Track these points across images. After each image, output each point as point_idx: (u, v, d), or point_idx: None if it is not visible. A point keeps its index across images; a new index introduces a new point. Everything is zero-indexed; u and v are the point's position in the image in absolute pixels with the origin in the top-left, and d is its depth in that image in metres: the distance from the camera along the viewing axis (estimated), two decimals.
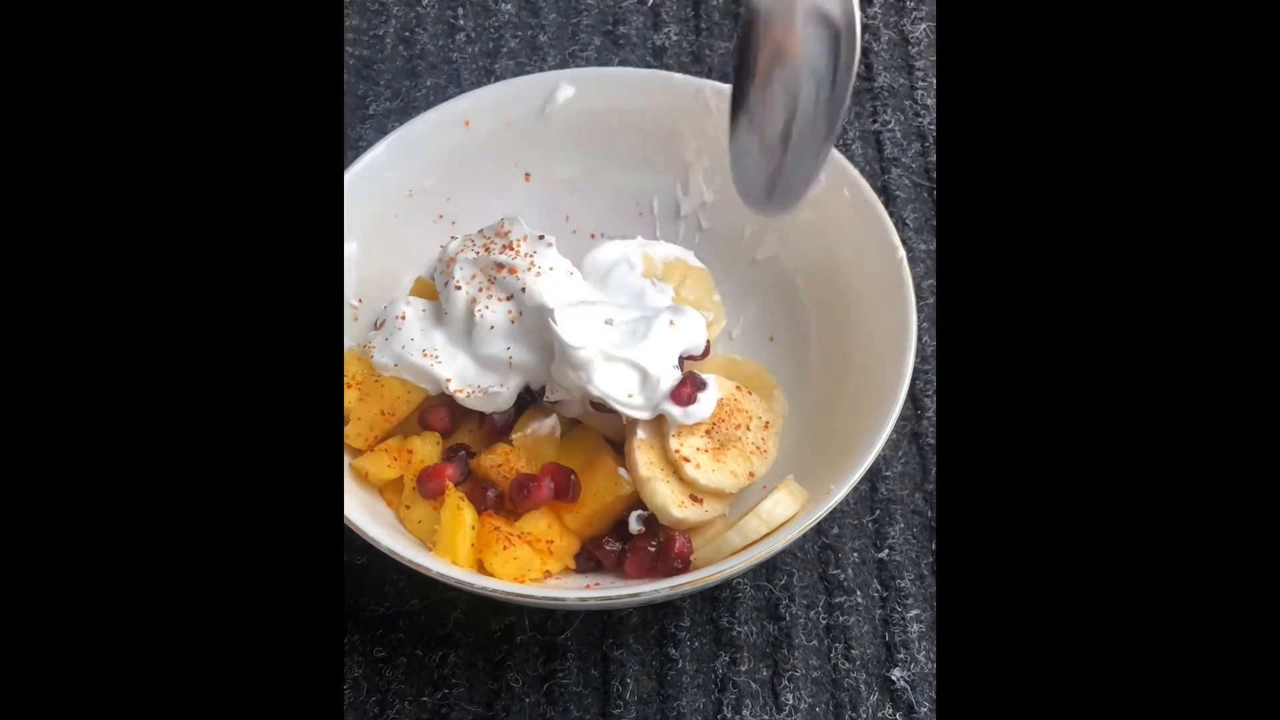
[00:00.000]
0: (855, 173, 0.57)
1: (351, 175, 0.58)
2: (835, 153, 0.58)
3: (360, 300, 0.59)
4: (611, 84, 0.61)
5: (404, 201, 0.61)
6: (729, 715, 0.52)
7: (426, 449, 0.54)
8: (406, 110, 0.71)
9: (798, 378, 0.59)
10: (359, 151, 0.68)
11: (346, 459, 0.54)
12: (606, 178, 0.63)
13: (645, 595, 0.48)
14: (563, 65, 0.73)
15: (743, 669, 0.54)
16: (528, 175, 0.63)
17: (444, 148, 0.61)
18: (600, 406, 0.53)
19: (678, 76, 0.61)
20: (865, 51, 0.74)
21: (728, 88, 0.60)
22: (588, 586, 0.51)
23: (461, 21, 0.75)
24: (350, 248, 0.58)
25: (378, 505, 0.53)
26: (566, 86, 0.61)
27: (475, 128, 0.61)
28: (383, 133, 0.69)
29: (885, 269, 0.55)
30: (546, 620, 0.55)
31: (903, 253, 0.54)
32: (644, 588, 0.48)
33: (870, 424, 0.51)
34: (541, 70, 0.73)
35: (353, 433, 0.54)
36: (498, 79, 0.72)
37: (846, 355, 0.57)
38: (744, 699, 0.53)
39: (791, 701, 0.53)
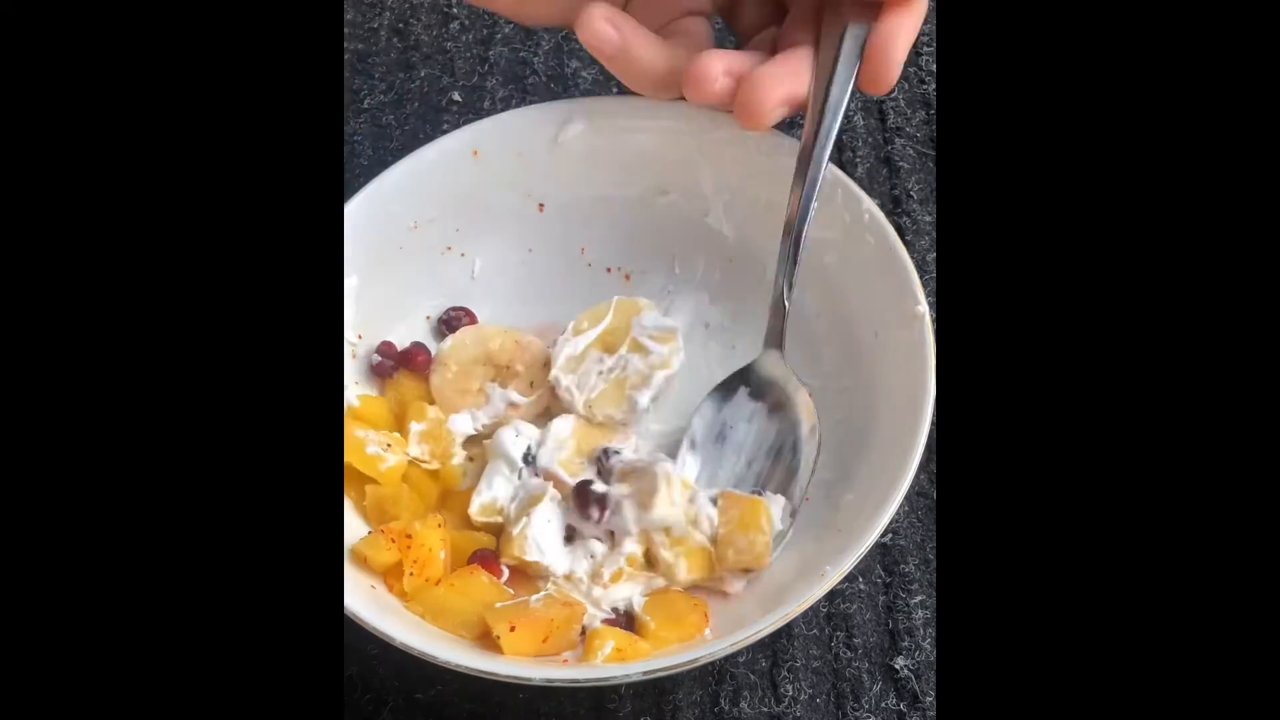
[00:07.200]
0: (881, 217, 0.54)
1: (352, 207, 0.56)
2: (861, 194, 0.54)
3: (360, 336, 0.58)
4: (626, 114, 0.58)
5: (408, 234, 0.59)
6: (726, 707, 0.51)
7: (428, 533, 0.51)
8: (400, 103, 0.70)
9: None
10: (353, 146, 0.69)
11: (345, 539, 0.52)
12: (624, 209, 0.60)
13: (616, 678, 0.45)
14: (558, 49, 0.72)
15: (740, 659, 0.52)
16: (541, 206, 0.61)
17: (451, 179, 0.59)
18: None
19: (694, 106, 0.56)
20: None
21: None
22: (563, 661, 0.49)
23: (455, 9, 0.74)
24: (350, 282, 0.56)
25: (378, 591, 0.51)
26: (579, 118, 0.58)
27: (484, 157, 0.59)
28: (377, 127, 0.70)
29: (905, 324, 0.51)
30: None
31: (924, 308, 0.51)
32: (615, 670, 0.46)
33: (876, 499, 0.47)
34: (536, 56, 0.72)
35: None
36: (491, 66, 0.71)
37: (860, 413, 0.53)
38: (742, 690, 0.52)
39: (791, 693, 0.51)
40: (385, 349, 0.58)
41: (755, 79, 0.50)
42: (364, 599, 0.48)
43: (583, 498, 0.52)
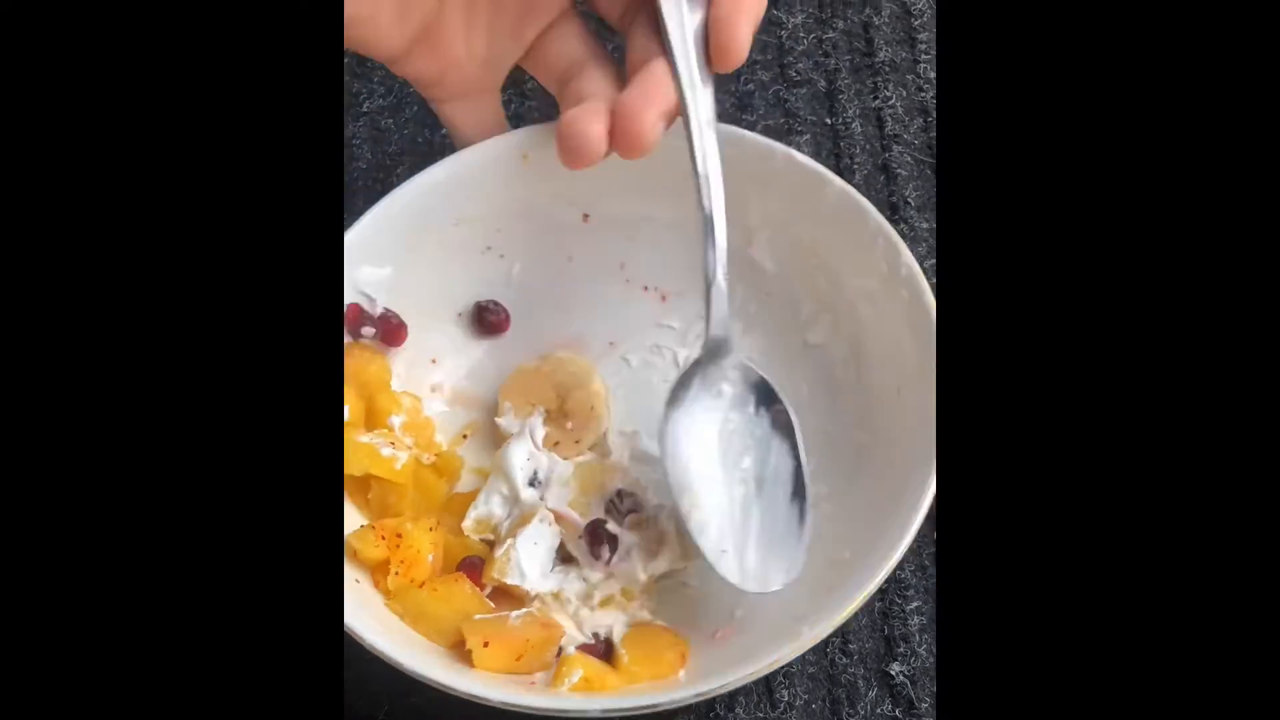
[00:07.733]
0: (919, 274, 0.52)
1: (396, 195, 0.56)
2: (903, 248, 0.53)
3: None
4: (680, 132, 0.56)
5: (450, 229, 0.58)
6: (721, 714, 0.51)
7: (418, 534, 0.51)
8: (399, 107, 0.70)
9: (819, 483, 0.54)
10: (352, 150, 0.69)
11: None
12: (668, 229, 0.59)
13: (572, 713, 0.45)
14: None
15: None
16: (586, 216, 0.60)
17: (500, 180, 0.58)
18: None
19: (750, 135, 0.56)
20: (865, 26, 0.72)
21: (800, 156, 0.55)
22: (532, 684, 0.49)
23: None
24: (384, 272, 0.56)
25: (362, 585, 0.51)
26: None
27: (535, 162, 0.58)
28: (376, 130, 0.70)
29: (926, 379, 0.50)
30: None
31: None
32: (574, 704, 0.45)
33: (868, 563, 0.46)
34: None
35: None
36: None
37: (866, 470, 0.53)
38: (737, 697, 0.52)
39: (787, 699, 0.51)
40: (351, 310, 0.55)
41: (626, 111, 0.49)
42: (345, 592, 0.47)
43: (595, 536, 0.52)
